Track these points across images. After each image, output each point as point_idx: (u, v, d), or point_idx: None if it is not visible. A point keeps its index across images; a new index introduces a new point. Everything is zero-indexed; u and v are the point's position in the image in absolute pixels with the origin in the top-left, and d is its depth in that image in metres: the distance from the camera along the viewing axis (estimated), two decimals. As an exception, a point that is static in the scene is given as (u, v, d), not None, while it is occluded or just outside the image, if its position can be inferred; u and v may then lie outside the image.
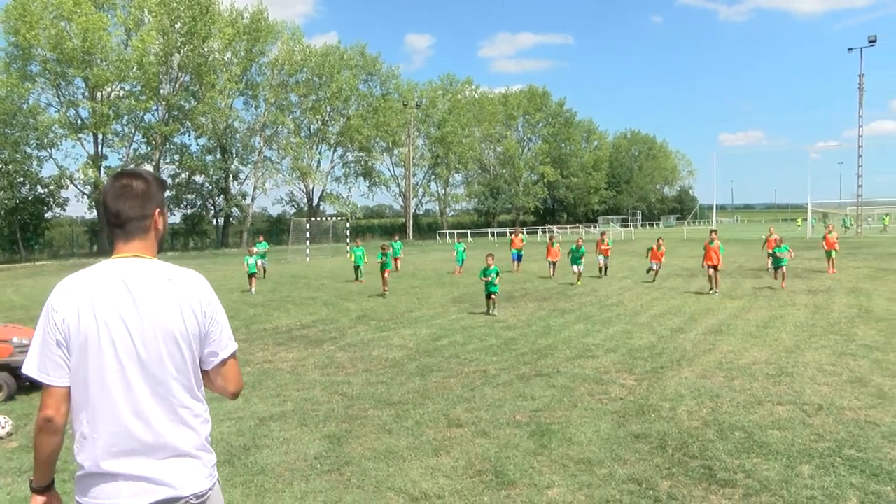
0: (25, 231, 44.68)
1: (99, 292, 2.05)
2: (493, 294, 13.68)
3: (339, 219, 47.90)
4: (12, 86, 40.29)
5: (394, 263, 23.62)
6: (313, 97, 60.06)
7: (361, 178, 67.50)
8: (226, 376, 2.22)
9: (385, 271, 18.29)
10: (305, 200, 64.33)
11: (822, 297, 15.15)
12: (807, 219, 56.21)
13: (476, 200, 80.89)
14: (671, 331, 11.22)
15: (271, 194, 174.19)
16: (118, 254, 2.15)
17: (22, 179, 43.71)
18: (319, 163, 64.68)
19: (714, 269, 16.29)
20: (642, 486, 4.74)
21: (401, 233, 56.03)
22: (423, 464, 5.29)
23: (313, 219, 44.08)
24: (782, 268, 17.13)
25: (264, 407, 7.09)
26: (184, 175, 54.38)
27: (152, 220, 2.19)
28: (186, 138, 54.00)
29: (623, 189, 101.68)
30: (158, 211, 2.21)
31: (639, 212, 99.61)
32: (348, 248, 34.76)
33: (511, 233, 28.82)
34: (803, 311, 13.13)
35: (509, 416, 6.50)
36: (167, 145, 52.06)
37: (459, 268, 24.21)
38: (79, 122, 46.19)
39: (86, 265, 2.19)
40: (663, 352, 9.45)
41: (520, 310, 14.24)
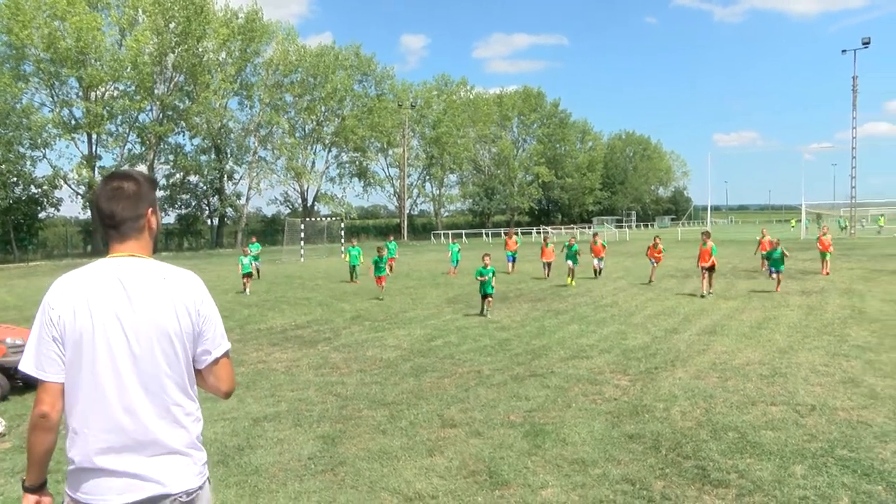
0: (19, 231, 44.50)
1: (95, 290, 2.06)
2: (489, 295, 13.66)
3: (334, 219, 47.92)
4: (5, 85, 40.10)
5: (388, 265, 23.50)
6: (308, 97, 60.08)
7: (356, 179, 67.75)
8: (218, 375, 2.24)
9: (380, 278, 17.31)
10: (300, 201, 64.41)
11: (815, 298, 15.20)
12: (801, 220, 56.38)
13: (471, 201, 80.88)
14: (665, 331, 11.26)
15: (266, 195, 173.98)
16: (114, 253, 2.17)
17: (15, 179, 43.62)
18: (314, 163, 64.84)
19: (709, 270, 16.25)
20: (636, 486, 4.75)
21: (395, 233, 56.03)
22: (417, 464, 5.29)
23: (308, 219, 44.05)
24: (780, 273, 16.83)
25: (258, 407, 7.08)
26: (178, 175, 54.37)
27: (146, 219, 2.21)
28: (181, 138, 54.12)
29: (618, 190, 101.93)
30: (151, 210, 2.23)
31: (633, 213, 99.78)
32: (342, 248, 34.78)
33: (505, 234, 28.83)
34: (797, 311, 13.18)
35: (503, 417, 6.50)
36: (161, 145, 52.01)
37: (454, 268, 24.21)
38: (72, 122, 46.05)
39: (80, 265, 2.21)
40: (657, 352, 9.48)
41: (514, 310, 14.25)
